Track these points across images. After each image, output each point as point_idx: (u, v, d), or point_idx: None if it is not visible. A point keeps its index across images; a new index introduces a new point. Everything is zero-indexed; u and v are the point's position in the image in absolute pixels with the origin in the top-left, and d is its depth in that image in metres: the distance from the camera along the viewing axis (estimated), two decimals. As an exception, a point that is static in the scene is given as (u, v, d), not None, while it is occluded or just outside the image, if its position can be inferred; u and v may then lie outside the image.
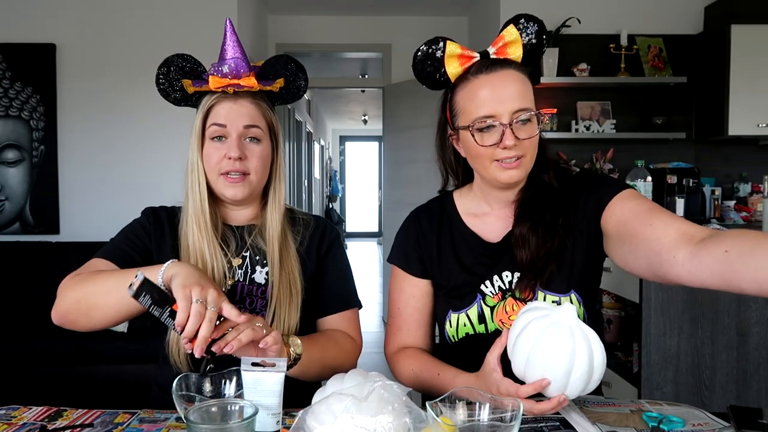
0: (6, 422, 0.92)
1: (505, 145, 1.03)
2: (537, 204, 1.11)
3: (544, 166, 1.13)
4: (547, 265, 1.08)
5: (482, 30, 4.03)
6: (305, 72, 1.20)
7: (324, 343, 1.13)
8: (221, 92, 1.11)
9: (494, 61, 1.08)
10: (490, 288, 1.13)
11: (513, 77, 1.05)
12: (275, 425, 0.85)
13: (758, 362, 2.04)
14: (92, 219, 3.42)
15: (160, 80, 1.13)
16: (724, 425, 0.90)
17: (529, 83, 1.08)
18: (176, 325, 0.85)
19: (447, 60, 1.09)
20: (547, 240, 1.08)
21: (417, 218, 1.24)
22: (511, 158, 1.05)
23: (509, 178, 1.07)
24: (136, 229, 1.18)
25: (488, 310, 1.12)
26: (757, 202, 3.35)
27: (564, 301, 1.09)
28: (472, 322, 1.12)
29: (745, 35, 3.18)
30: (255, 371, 0.86)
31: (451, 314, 1.14)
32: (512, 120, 1.03)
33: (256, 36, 4.09)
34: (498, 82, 1.05)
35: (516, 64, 1.08)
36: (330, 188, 11.08)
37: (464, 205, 1.21)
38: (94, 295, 0.98)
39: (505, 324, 1.11)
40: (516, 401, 0.79)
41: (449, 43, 1.09)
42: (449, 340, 1.15)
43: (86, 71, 3.41)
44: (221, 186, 1.13)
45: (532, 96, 1.07)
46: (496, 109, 1.03)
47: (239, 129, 1.10)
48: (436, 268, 1.18)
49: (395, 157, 4.80)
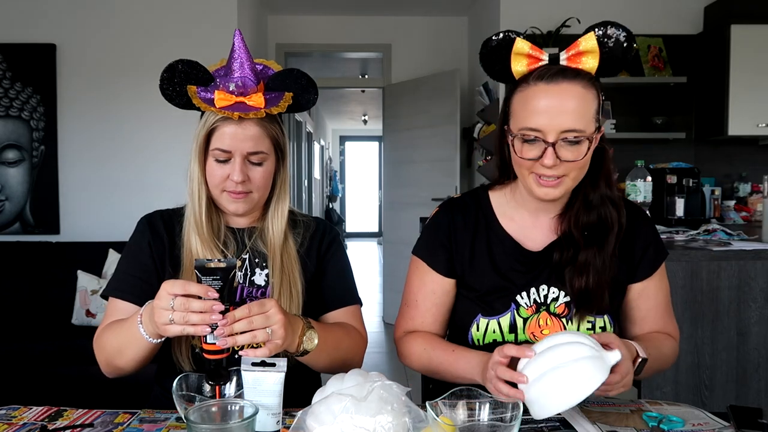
0: (6, 422, 0.92)
1: (543, 163, 0.98)
2: (600, 231, 1.07)
3: (608, 185, 1.08)
4: (602, 295, 1.06)
5: (482, 30, 4.03)
6: (316, 86, 1.16)
7: (338, 334, 1.13)
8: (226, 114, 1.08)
9: (560, 70, 0.99)
10: (525, 299, 1.10)
11: (573, 93, 0.98)
12: (275, 425, 0.85)
13: (758, 362, 2.04)
14: (92, 219, 3.42)
15: (164, 85, 1.11)
16: (724, 425, 0.90)
17: (593, 100, 1.00)
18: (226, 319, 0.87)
19: (514, 57, 1.02)
20: (607, 270, 1.06)
21: (450, 213, 1.17)
22: (549, 177, 1.01)
23: (544, 194, 1.03)
24: (138, 250, 1.17)
25: (521, 321, 1.09)
26: (756, 202, 3.35)
27: (598, 322, 1.09)
28: (502, 331, 1.10)
29: (745, 35, 3.18)
30: (255, 371, 0.86)
31: (480, 318, 1.11)
32: (558, 139, 0.97)
33: (256, 36, 4.10)
34: (554, 96, 0.98)
35: (585, 77, 1.00)
36: (330, 188, 11.09)
37: (501, 206, 1.17)
38: (120, 354, 1.05)
39: (537, 337, 1.08)
40: (517, 401, 0.80)
41: (519, 40, 1.02)
42: (472, 343, 1.12)
43: (86, 71, 3.41)
44: (224, 201, 1.13)
45: (594, 113, 1.00)
46: (543, 124, 0.98)
47: (243, 153, 1.09)
48: (467, 269, 1.14)
49: (395, 157, 4.80)
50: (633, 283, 1.14)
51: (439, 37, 4.62)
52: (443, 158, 4.31)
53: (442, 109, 4.29)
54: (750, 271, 2.03)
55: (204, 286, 0.87)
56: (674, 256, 2.04)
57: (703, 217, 3.11)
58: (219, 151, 1.09)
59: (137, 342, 0.99)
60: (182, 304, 0.87)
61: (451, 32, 4.62)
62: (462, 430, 0.77)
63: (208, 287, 0.87)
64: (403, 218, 4.64)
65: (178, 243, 1.15)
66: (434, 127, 4.37)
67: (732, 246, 2.14)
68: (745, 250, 2.06)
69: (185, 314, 0.87)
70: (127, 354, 1.03)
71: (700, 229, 2.60)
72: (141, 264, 1.15)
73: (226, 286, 0.87)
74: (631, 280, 1.14)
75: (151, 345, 0.99)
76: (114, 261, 2.98)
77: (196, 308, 0.86)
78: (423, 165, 4.49)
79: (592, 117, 1.00)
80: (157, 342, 0.99)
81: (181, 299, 0.87)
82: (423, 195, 4.43)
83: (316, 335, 1.03)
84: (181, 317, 0.87)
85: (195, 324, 0.87)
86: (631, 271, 1.13)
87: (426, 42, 4.64)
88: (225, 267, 0.88)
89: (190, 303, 0.87)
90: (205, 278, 0.87)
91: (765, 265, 2.03)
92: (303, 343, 1.01)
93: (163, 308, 0.89)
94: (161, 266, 1.15)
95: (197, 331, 0.87)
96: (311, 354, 1.03)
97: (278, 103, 1.10)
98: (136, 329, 0.98)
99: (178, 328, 0.88)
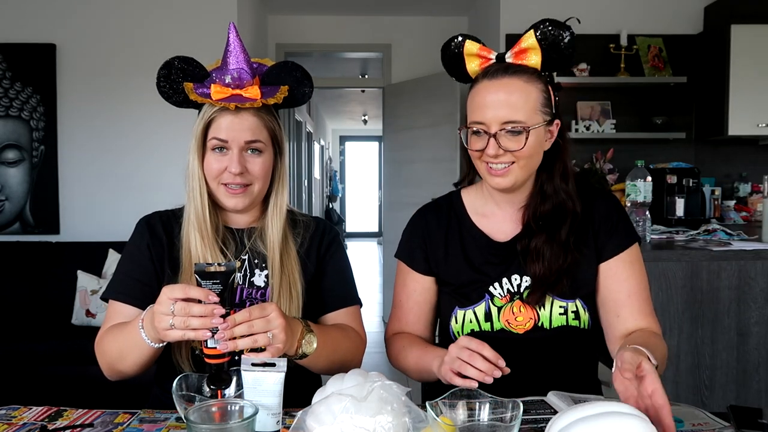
0: (6, 422, 0.92)
1: (487, 152, 1.05)
2: (554, 220, 1.12)
3: (563, 178, 1.13)
4: (559, 280, 1.10)
5: (482, 30, 4.03)
6: (311, 79, 1.17)
7: (337, 337, 1.13)
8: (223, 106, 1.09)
9: (505, 66, 1.07)
10: (498, 290, 1.15)
11: (513, 87, 1.04)
12: (275, 425, 0.85)
13: (758, 362, 2.04)
14: (92, 219, 3.42)
15: (161, 83, 1.11)
16: (724, 425, 0.90)
17: (537, 93, 1.06)
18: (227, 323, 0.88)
19: (466, 58, 1.11)
20: (560, 256, 1.10)
21: (424, 216, 1.25)
22: (497, 166, 1.07)
23: (496, 184, 1.10)
24: (137, 252, 1.16)
25: (495, 309, 1.14)
26: (756, 202, 3.35)
27: (570, 306, 1.11)
28: (478, 320, 1.14)
29: (745, 35, 3.18)
30: (255, 371, 0.86)
31: (457, 311, 1.16)
32: (498, 130, 1.04)
33: (256, 36, 4.09)
34: (495, 91, 1.05)
35: (528, 71, 1.06)
36: (330, 188, 11.08)
37: (472, 203, 1.22)
38: (122, 359, 1.05)
39: (511, 324, 1.13)
40: (517, 401, 0.79)
41: (468, 41, 1.10)
42: (453, 336, 1.16)
43: (86, 71, 3.41)
44: (222, 196, 1.13)
45: (538, 105, 1.06)
46: (485, 117, 1.05)
47: (240, 143, 1.09)
48: (442, 267, 1.20)
49: (395, 157, 4.80)
50: (601, 262, 1.15)
51: (439, 37, 4.59)
52: (443, 158, 4.31)
53: (442, 109, 4.28)
54: (750, 271, 2.03)
55: (204, 289, 0.87)
56: (674, 256, 2.04)
57: (703, 217, 3.11)
58: (216, 140, 1.09)
59: (139, 346, 0.99)
60: (183, 308, 0.87)
61: (451, 32, 4.52)
62: (462, 430, 0.77)
63: (209, 291, 0.87)
64: (403, 218, 4.58)
65: (176, 244, 1.15)
66: (434, 127, 4.37)
67: (732, 246, 2.14)
68: (745, 250, 2.06)
69: (186, 319, 0.86)
70: (129, 358, 1.03)
71: (700, 229, 2.60)
72: (140, 266, 1.15)
73: (226, 290, 0.87)
74: (599, 259, 1.15)
75: (153, 349, 0.99)
76: (114, 261, 2.98)
77: (197, 312, 0.86)
78: (423, 165, 4.48)
79: (535, 109, 1.05)
80: (159, 346, 0.99)
81: (181, 304, 0.87)
82: (423, 195, 4.39)
83: (315, 339, 1.03)
84: (182, 322, 0.87)
85: (196, 328, 0.87)
86: (598, 252, 1.15)
87: (426, 42, 4.63)
88: (225, 271, 0.87)
89: (191, 307, 0.87)
90: (205, 282, 0.87)
91: (765, 265, 2.03)
92: (302, 346, 1.01)
93: (163, 313, 0.88)
94: (160, 268, 1.14)
95: (198, 336, 0.87)
96: (310, 357, 1.03)
97: (274, 95, 1.11)
98: (138, 334, 0.98)
99: (178, 333, 0.88)
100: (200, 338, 0.88)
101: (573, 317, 1.12)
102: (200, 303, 0.87)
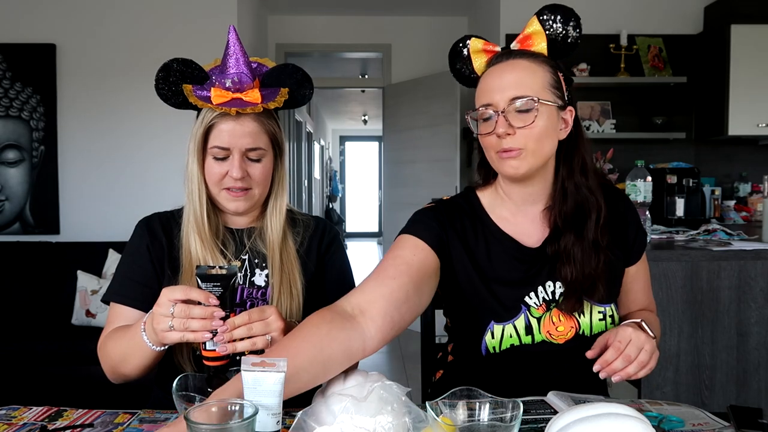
0: (6, 422, 0.92)
1: (497, 132, 1.00)
2: (579, 218, 1.06)
3: (583, 173, 1.07)
4: (594, 284, 1.04)
5: (482, 30, 4.03)
6: (311, 81, 1.17)
7: None
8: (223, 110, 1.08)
9: (508, 51, 1.05)
10: (534, 299, 1.07)
11: (519, 65, 1.02)
12: (275, 425, 0.85)
13: (758, 362, 2.04)
14: (92, 219, 3.42)
15: (160, 85, 1.10)
16: (724, 425, 0.90)
17: (543, 72, 1.02)
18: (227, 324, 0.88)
19: (473, 56, 1.08)
20: (592, 257, 1.04)
21: (442, 211, 1.12)
22: (509, 150, 1.00)
23: (511, 169, 1.02)
24: (137, 254, 1.16)
25: (535, 321, 1.07)
26: (756, 202, 3.35)
27: (608, 311, 1.08)
28: (519, 334, 1.06)
29: (745, 35, 3.18)
30: (255, 371, 0.86)
31: (494, 325, 1.06)
32: (506, 107, 0.99)
33: (256, 36, 4.10)
34: (500, 72, 1.02)
35: (533, 55, 1.04)
36: (330, 188, 11.08)
37: (490, 204, 1.14)
38: (125, 362, 1.05)
39: (552, 335, 1.07)
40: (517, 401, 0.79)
41: (473, 39, 1.08)
42: (488, 352, 1.07)
43: (86, 71, 3.41)
44: (223, 199, 1.13)
45: (546, 84, 1.02)
46: (493, 97, 1.01)
47: (242, 149, 1.09)
48: (461, 269, 1.09)
49: (395, 157, 4.80)
50: (628, 266, 1.16)
51: (439, 37, 4.62)
52: (443, 158, 4.31)
53: (442, 109, 4.29)
54: (750, 271, 2.03)
55: (205, 292, 0.87)
56: (674, 256, 2.04)
57: (703, 217, 3.11)
58: (217, 149, 1.09)
59: (141, 350, 0.99)
60: (182, 310, 0.87)
61: (451, 32, 4.62)
62: (462, 430, 0.77)
63: (209, 294, 0.87)
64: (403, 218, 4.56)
65: (176, 245, 1.15)
66: (434, 127, 4.37)
67: (732, 246, 2.14)
68: (745, 250, 2.06)
69: (185, 320, 0.87)
70: (131, 362, 1.03)
71: (700, 229, 2.60)
72: (140, 268, 1.14)
73: (226, 293, 0.87)
74: (626, 263, 1.15)
75: (155, 353, 0.99)
76: (114, 261, 2.98)
77: (197, 314, 0.86)
78: (423, 165, 4.49)
79: (543, 86, 1.02)
80: (161, 349, 0.99)
81: (181, 306, 0.87)
82: (423, 195, 4.43)
83: None
84: (181, 323, 0.87)
85: (195, 330, 0.87)
86: (626, 256, 1.15)
87: (426, 42, 4.64)
88: (226, 274, 0.88)
89: (191, 309, 0.87)
90: (206, 285, 0.87)
91: (765, 265, 2.03)
92: None
93: (162, 315, 0.88)
94: (160, 269, 1.14)
95: (197, 338, 0.87)
96: None
97: (275, 98, 1.10)
98: (140, 337, 0.98)
99: (177, 335, 0.88)
100: (199, 340, 0.88)
101: (611, 322, 1.08)
102: (200, 305, 0.87)
